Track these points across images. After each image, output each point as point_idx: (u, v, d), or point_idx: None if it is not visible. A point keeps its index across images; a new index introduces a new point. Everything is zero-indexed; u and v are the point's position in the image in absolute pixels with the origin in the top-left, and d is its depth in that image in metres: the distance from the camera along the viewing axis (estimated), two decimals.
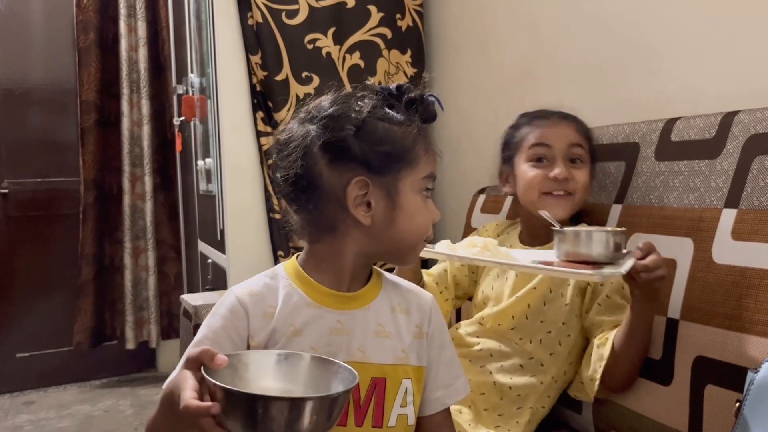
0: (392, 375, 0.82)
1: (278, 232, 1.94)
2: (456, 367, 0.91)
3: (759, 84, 1.14)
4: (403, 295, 0.88)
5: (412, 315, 0.86)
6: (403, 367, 0.83)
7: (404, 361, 0.83)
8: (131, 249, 3.01)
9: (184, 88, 2.52)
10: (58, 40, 2.98)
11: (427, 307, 0.88)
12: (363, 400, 0.80)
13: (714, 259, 0.99)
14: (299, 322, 0.80)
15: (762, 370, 0.75)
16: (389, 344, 0.82)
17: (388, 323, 0.84)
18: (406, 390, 0.83)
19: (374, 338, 0.82)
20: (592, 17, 1.51)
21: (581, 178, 1.20)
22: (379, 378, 0.81)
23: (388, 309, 0.85)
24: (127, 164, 2.97)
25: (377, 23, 1.99)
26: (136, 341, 3.05)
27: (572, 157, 1.21)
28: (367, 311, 0.83)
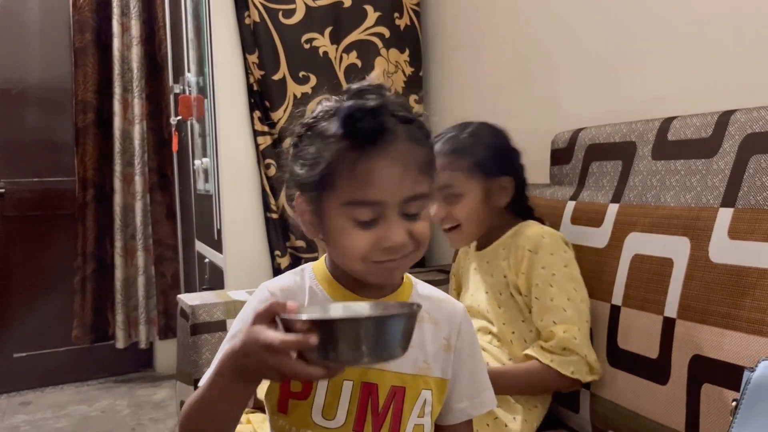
0: (412, 385, 0.80)
1: (275, 232, 1.94)
2: (484, 379, 0.88)
3: (755, 83, 1.14)
4: (434, 305, 0.84)
5: (440, 326, 0.83)
6: (424, 378, 0.81)
7: (426, 372, 0.81)
8: (123, 249, 3.00)
9: (181, 87, 2.52)
10: (54, 40, 2.98)
11: (457, 319, 0.85)
12: (381, 408, 0.78)
13: (711, 258, 0.99)
14: None
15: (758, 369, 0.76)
16: (411, 354, 0.76)
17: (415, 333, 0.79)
18: (425, 401, 0.81)
19: None
20: (589, 16, 1.51)
21: (457, 212, 1.23)
22: (399, 387, 0.79)
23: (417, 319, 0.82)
24: (118, 163, 2.96)
25: (374, 22, 1.99)
26: (126, 341, 3.04)
27: (445, 195, 1.22)
28: None
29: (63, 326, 2.98)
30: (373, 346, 0.64)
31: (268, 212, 1.94)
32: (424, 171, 0.75)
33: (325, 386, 0.77)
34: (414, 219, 0.75)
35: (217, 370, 0.70)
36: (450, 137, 1.25)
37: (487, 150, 1.24)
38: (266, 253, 1.96)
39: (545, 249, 1.16)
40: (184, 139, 2.71)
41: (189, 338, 1.46)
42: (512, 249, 1.21)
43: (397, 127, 0.73)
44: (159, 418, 2.61)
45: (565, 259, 1.17)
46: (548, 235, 1.18)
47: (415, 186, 0.74)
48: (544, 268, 1.16)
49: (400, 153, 0.73)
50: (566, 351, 1.12)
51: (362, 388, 0.78)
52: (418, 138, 0.76)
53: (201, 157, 2.28)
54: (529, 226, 1.23)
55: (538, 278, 1.16)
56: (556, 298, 1.14)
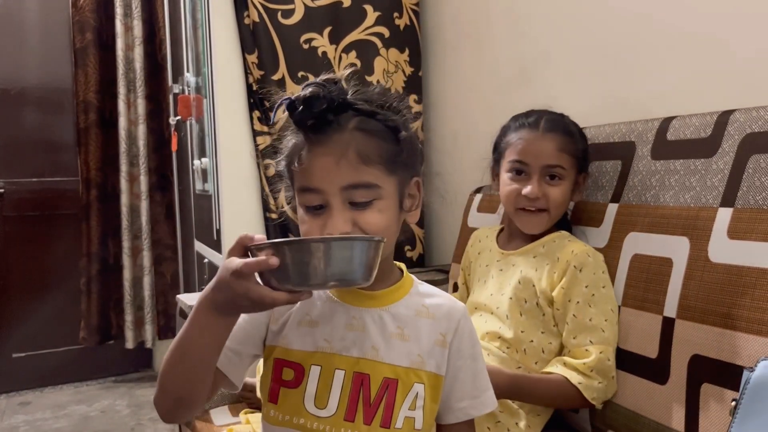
0: (404, 378, 0.80)
1: (275, 232, 1.93)
2: (484, 380, 0.88)
3: (754, 83, 1.14)
4: (433, 301, 0.86)
5: (437, 321, 0.84)
6: (417, 372, 0.82)
7: (419, 365, 0.82)
8: (130, 249, 3.01)
9: (180, 87, 2.52)
10: (53, 40, 2.98)
11: (456, 316, 0.85)
12: (374, 399, 0.79)
13: (710, 257, 0.99)
14: (315, 313, 0.81)
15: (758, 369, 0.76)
16: (406, 347, 0.81)
17: (408, 326, 0.82)
18: (416, 394, 0.81)
19: (391, 339, 0.81)
20: (588, 16, 1.51)
21: (555, 195, 1.21)
22: (392, 379, 0.80)
23: (413, 312, 0.83)
24: (124, 163, 2.96)
25: (374, 22, 1.99)
26: (135, 341, 3.05)
27: (548, 174, 1.21)
28: (386, 312, 0.82)
29: (62, 326, 2.98)
30: (327, 268, 0.67)
31: (267, 212, 1.94)
32: (372, 162, 0.76)
33: (317, 375, 0.79)
34: (362, 208, 0.76)
35: (194, 308, 0.73)
36: (553, 118, 1.24)
37: (584, 143, 1.26)
38: None
39: (590, 268, 1.16)
40: (183, 139, 2.71)
41: None
42: (550, 260, 1.20)
43: (344, 116, 0.76)
44: (158, 418, 2.59)
45: (604, 279, 1.16)
46: (592, 254, 1.17)
47: (357, 175, 0.75)
48: (587, 287, 1.15)
49: (341, 142, 0.76)
50: (594, 373, 1.11)
51: (354, 378, 0.79)
52: (371, 131, 0.77)
53: (200, 157, 2.28)
54: (572, 240, 1.22)
55: (579, 296, 1.15)
56: (595, 318, 1.13)
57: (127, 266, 3.01)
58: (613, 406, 1.13)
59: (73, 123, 2.98)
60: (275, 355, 0.81)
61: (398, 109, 0.81)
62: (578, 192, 1.26)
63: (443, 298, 0.87)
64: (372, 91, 0.81)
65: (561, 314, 1.17)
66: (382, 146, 0.77)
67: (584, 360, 1.12)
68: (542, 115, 1.24)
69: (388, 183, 0.78)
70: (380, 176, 0.77)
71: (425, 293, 0.86)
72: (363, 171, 0.76)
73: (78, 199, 2.96)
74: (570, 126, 1.25)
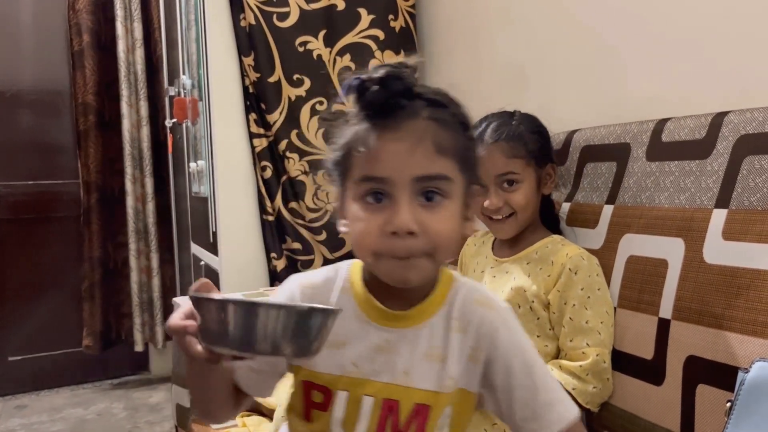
0: (436, 403, 0.72)
1: (271, 234, 1.93)
2: (549, 393, 0.75)
3: (748, 84, 1.15)
4: (467, 309, 0.75)
5: (468, 334, 0.74)
6: (448, 395, 0.73)
7: (451, 389, 0.73)
8: (136, 251, 3.01)
9: (176, 89, 2.51)
10: (49, 42, 2.97)
11: (491, 326, 0.74)
12: (403, 425, 0.72)
13: (705, 259, 0.99)
14: (343, 333, 0.72)
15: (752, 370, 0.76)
16: (438, 369, 0.72)
17: (441, 344, 0.73)
18: (444, 413, 0.73)
19: (423, 361, 0.73)
20: (584, 18, 1.51)
21: (516, 199, 1.22)
22: (423, 405, 0.72)
23: (444, 328, 0.74)
24: (129, 166, 2.96)
25: (368, 25, 1.99)
26: (144, 343, 3.05)
27: (504, 182, 1.22)
28: (419, 330, 0.73)
29: (59, 329, 2.97)
30: (244, 334, 0.59)
31: (264, 214, 1.94)
32: (447, 154, 0.68)
33: (345, 400, 0.73)
34: (430, 208, 0.68)
35: None
36: (499, 124, 1.24)
37: (537, 137, 1.26)
38: (262, 256, 1.96)
39: (584, 271, 1.16)
40: (179, 142, 2.70)
41: None
42: (544, 264, 1.20)
43: (417, 103, 0.69)
44: (155, 421, 2.60)
45: (599, 282, 1.17)
46: (587, 257, 1.18)
47: (430, 165, 0.68)
48: (583, 289, 1.15)
49: (414, 128, 0.68)
50: (589, 377, 1.11)
51: (383, 405, 0.72)
52: (446, 122, 0.70)
53: (196, 160, 2.28)
54: (565, 243, 1.22)
55: (575, 299, 1.15)
56: (591, 321, 1.14)
57: (134, 269, 3.00)
58: (609, 407, 1.13)
59: (70, 125, 2.98)
60: (302, 376, 0.76)
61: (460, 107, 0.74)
62: (548, 184, 1.27)
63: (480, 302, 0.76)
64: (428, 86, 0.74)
65: (557, 317, 1.17)
66: (457, 139, 0.70)
67: (581, 362, 1.12)
68: (489, 123, 1.25)
69: (458, 180, 0.70)
70: (454, 171, 0.69)
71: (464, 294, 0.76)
72: (438, 162, 0.68)
73: (75, 201, 2.96)
74: (516, 128, 1.24)
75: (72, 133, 2.98)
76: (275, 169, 1.93)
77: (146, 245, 3.05)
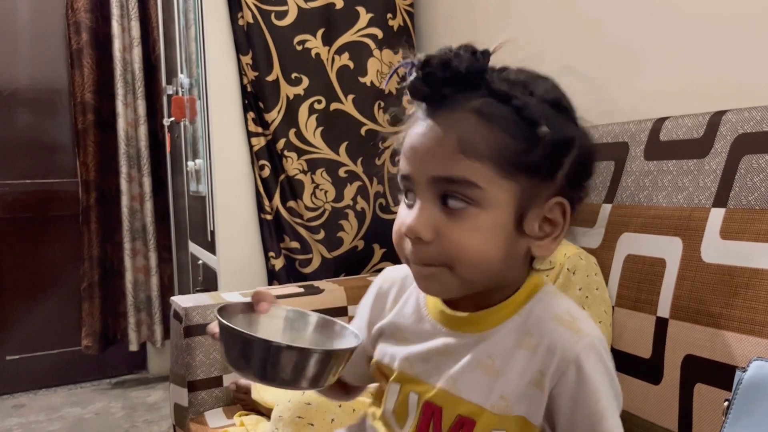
0: (483, 421, 0.64)
1: (269, 233, 1.93)
2: None
3: (746, 83, 1.15)
4: (544, 325, 0.64)
5: (537, 355, 0.63)
6: (500, 417, 0.63)
7: (503, 410, 0.63)
8: (131, 250, 3.01)
9: (174, 88, 2.51)
10: (47, 41, 2.97)
11: (570, 355, 0.61)
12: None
13: (703, 258, 0.99)
14: (410, 330, 0.71)
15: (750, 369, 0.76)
16: (490, 384, 0.64)
17: (502, 358, 0.64)
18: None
19: (475, 370, 0.65)
20: (581, 17, 1.51)
21: None
22: (467, 418, 0.64)
23: (513, 341, 0.64)
24: (124, 165, 2.96)
25: (367, 23, 1.99)
26: (139, 343, 3.05)
27: None
28: (482, 338, 0.66)
29: (57, 328, 2.97)
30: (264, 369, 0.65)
31: (262, 213, 1.93)
32: (475, 155, 0.59)
33: (396, 393, 0.70)
34: (454, 214, 0.60)
35: None
36: None
37: None
38: (260, 255, 1.96)
39: (582, 270, 1.15)
40: (177, 141, 2.70)
41: (182, 340, 1.46)
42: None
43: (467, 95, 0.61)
44: (153, 420, 2.60)
45: (597, 281, 1.16)
46: (585, 256, 1.17)
47: (451, 166, 0.59)
48: (581, 289, 1.14)
49: (446, 123, 0.60)
50: None
51: (424, 407, 0.67)
52: (493, 116, 0.60)
53: (194, 159, 2.28)
54: (562, 244, 1.20)
55: (573, 299, 1.14)
56: None
57: (129, 268, 3.00)
58: None
59: (68, 124, 2.98)
60: (375, 362, 0.75)
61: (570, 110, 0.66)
62: None
63: (563, 320, 0.64)
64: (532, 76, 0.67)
65: None
66: (502, 139, 0.60)
67: None
68: None
69: (497, 188, 0.60)
70: (485, 175, 0.59)
71: (539, 313, 0.65)
72: (461, 163, 0.59)
73: (73, 200, 2.95)
74: None
75: (70, 131, 2.98)
76: (273, 167, 1.92)
77: (144, 244, 3.05)
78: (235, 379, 1.48)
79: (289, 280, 1.92)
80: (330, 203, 1.95)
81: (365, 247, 2.00)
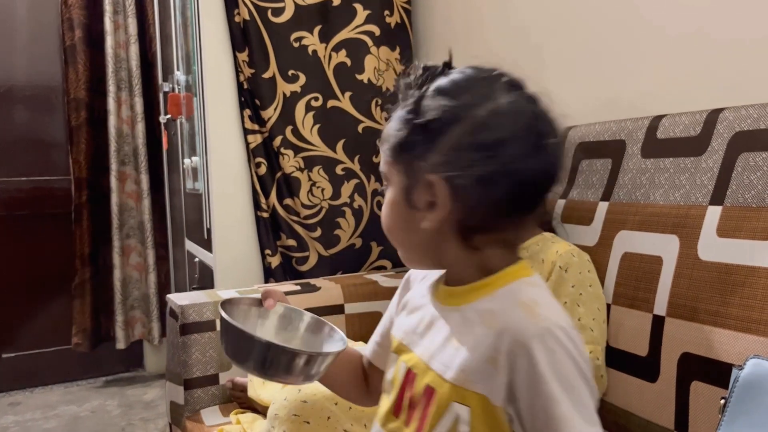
0: (442, 391, 0.67)
1: (266, 231, 1.93)
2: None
3: (743, 81, 1.14)
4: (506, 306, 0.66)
5: (493, 334, 0.64)
6: (459, 389, 0.65)
7: (462, 383, 0.65)
8: (120, 248, 2.99)
9: (170, 85, 2.50)
10: (42, 38, 2.95)
11: (521, 338, 0.62)
12: (416, 400, 0.70)
13: (699, 256, 0.99)
14: (415, 303, 0.78)
15: (747, 367, 0.76)
16: (450, 354, 0.67)
17: (466, 332, 0.67)
18: (457, 417, 0.65)
19: (446, 342, 0.69)
20: (579, 14, 1.51)
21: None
22: (431, 388, 0.68)
23: (478, 318, 0.67)
24: (114, 162, 2.94)
25: (364, 21, 1.98)
26: (127, 341, 3.04)
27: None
28: (457, 311, 0.70)
29: (52, 326, 2.96)
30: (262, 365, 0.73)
31: (258, 211, 1.93)
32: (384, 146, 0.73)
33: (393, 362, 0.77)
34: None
35: None
36: None
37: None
38: (257, 252, 1.95)
39: (575, 268, 1.15)
40: (173, 138, 2.69)
41: (179, 338, 1.46)
42: (535, 262, 1.19)
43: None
44: (149, 418, 2.59)
45: (590, 279, 1.16)
46: (577, 253, 1.17)
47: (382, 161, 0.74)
48: (574, 287, 1.14)
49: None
50: None
51: (407, 374, 0.73)
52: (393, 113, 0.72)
53: (190, 156, 2.27)
54: (555, 241, 1.21)
55: (566, 296, 1.14)
56: (584, 318, 1.13)
57: (118, 266, 2.99)
58: (603, 403, 1.13)
59: (62, 121, 2.97)
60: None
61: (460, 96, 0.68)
62: None
63: (518, 306, 0.65)
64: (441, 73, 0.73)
65: None
66: (393, 130, 0.71)
67: None
68: None
69: (392, 172, 0.72)
70: (387, 162, 0.72)
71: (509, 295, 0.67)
72: (382, 154, 0.73)
73: (67, 198, 2.94)
74: None
75: (64, 129, 2.97)
76: (270, 165, 1.92)
77: (142, 242, 3.04)
78: (232, 377, 1.48)
79: (286, 278, 1.91)
80: (327, 201, 1.95)
81: (362, 244, 2.00)
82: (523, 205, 0.68)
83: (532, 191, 0.68)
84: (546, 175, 0.69)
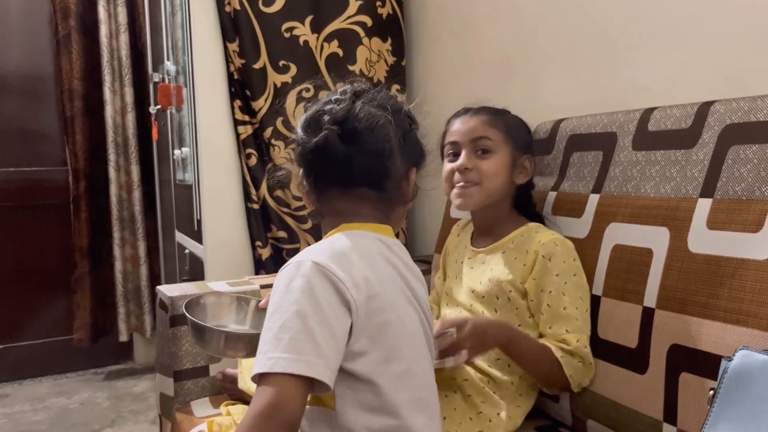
0: None
1: (256, 222, 1.92)
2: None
3: (734, 74, 1.15)
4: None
5: None
6: None
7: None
8: (120, 240, 2.98)
9: (160, 75, 2.48)
10: (34, 28, 2.91)
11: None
12: None
13: (689, 248, 0.99)
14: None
15: (736, 359, 0.76)
16: None
17: None
18: None
19: None
20: (572, 6, 1.51)
21: (486, 167, 1.22)
22: None
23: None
24: (112, 153, 2.92)
25: (356, 11, 1.97)
26: (129, 334, 3.03)
27: (478, 149, 1.23)
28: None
29: (42, 318, 2.95)
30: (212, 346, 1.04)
31: (249, 202, 1.92)
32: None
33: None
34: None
35: None
36: (488, 107, 1.28)
37: (519, 126, 1.29)
38: (247, 244, 1.94)
39: (559, 257, 1.16)
40: (163, 129, 2.67)
41: (168, 330, 1.45)
42: (519, 253, 1.20)
43: None
44: (139, 410, 2.59)
45: (575, 267, 1.16)
46: (560, 242, 1.17)
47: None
48: (558, 275, 1.15)
49: None
50: (575, 356, 1.12)
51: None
52: None
53: (180, 147, 2.26)
54: (539, 230, 1.21)
55: (551, 286, 1.15)
56: (569, 307, 1.14)
57: (119, 258, 2.97)
58: (593, 395, 1.14)
59: (56, 111, 2.93)
60: None
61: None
62: (523, 174, 1.27)
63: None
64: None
65: (535, 305, 1.18)
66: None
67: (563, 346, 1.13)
68: (469, 108, 1.29)
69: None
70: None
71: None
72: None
73: (60, 189, 2.92)
74: (503, 111, 1.28)
75: (57, 119, 2.94)
76: (260, 156, 1.91)
77: (133, 234, 3.02)
78: (222, 369, 1.47)
79: (277, 270, 1.90)
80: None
81: None
82: None
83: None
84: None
